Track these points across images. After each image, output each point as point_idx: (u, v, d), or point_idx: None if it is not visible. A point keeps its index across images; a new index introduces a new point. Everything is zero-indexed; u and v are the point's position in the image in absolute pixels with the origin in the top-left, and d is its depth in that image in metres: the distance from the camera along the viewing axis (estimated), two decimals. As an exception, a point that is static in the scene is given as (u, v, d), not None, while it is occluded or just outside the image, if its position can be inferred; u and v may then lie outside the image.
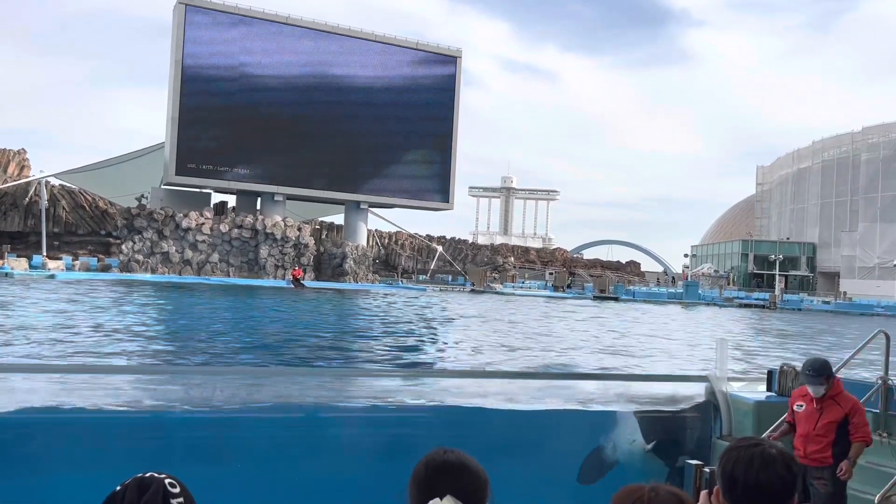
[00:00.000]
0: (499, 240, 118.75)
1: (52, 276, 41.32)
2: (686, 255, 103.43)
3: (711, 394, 6.38)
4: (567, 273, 71.74)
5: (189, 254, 50.29)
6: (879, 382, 5.46)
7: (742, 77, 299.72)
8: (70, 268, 46.83)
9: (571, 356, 16.90)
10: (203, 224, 50.88)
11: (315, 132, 55.21)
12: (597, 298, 53.78)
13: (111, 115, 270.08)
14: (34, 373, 5.68)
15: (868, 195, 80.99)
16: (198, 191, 54.17)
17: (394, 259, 69.28)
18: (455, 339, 20.55)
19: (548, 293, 57.94)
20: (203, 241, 50.78)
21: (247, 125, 52.68)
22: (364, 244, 58.50)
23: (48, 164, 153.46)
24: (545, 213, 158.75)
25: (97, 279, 41.68)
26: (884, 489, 4.45)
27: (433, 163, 59.39)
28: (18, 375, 5.29)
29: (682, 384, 6.73)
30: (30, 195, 55.53)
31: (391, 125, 57.68)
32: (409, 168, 58.58)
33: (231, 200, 56.60)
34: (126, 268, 48.21)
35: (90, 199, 58.84)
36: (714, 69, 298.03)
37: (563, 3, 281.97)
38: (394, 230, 70.07)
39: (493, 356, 16.23)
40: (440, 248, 70.42)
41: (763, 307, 54.18)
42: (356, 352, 16.28)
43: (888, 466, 5.05)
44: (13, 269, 42.24)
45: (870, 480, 4.92)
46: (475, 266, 69.36)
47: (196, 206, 52.39)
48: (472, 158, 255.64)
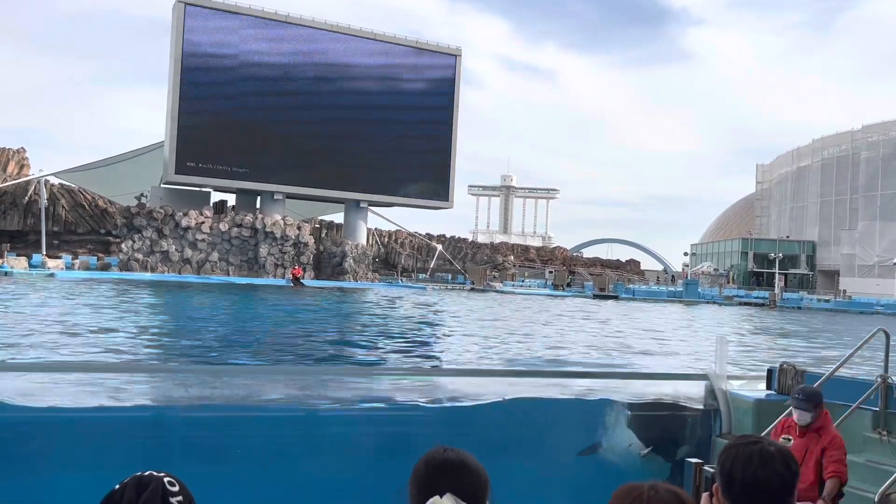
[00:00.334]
0: (498, 238, 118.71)
1: (52, 275, 41.32)
2: (686, 254, 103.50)
3: (711, 392, 6.38)
4: (567, 272, 71.72)
5: (189, 253, 50.27)
6: (879, 380, 5.46)
7: (742, 75, 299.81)
8: (70, 267, 46.81)
9: (571, 354, 16.89)
10: (203, 223, 50.86)
11: (315, 131, 55.20)
12: (596, 297, 53.79)
13: (111, 114, 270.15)
14: (30, 371, 5.68)
15: (868, 193, 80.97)
16: (197, 189, 54.15)
17: (393, 258, 69.23)
18: (454, 338, 20.54)
19: (547, 292, 57.94)
20: (203, 240, 50.76)
21: (246, 124, 52.67)
22: (364, 243, 58.49)
23: (48, 163, 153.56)
24: (545, 212, 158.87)
25: (96, 278, 41.66)
26: (883, 487, 4.45)
27: (433, 161, 59.38)
28: (12, 374, 5.28)
29: (682, 382, 6.72)
30: (29, 194, 55.48)
31: (391, 123, 57.70)
32: (409, 166, 58.55)
33: (231, 199, 56.61)
34: (126, 267, 48.20)
35: (90, 198, 58.80)
36: (714, 67, 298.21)
37: (563, 2, 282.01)
38: (393, 229, 70.03)
39: (493, 355, 16.23)
40: (440, 247, 70.36)
41: (763, 305, 54.21)
42: (356, 350, 16.26)
43: (888, 464, 5.05)
44: (13, 268, 42.26)
45: (870, 478, 4.92)
46: (475, 265, 69.32)
47: (196, 205, 52.38)
48: (472, 157, 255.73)
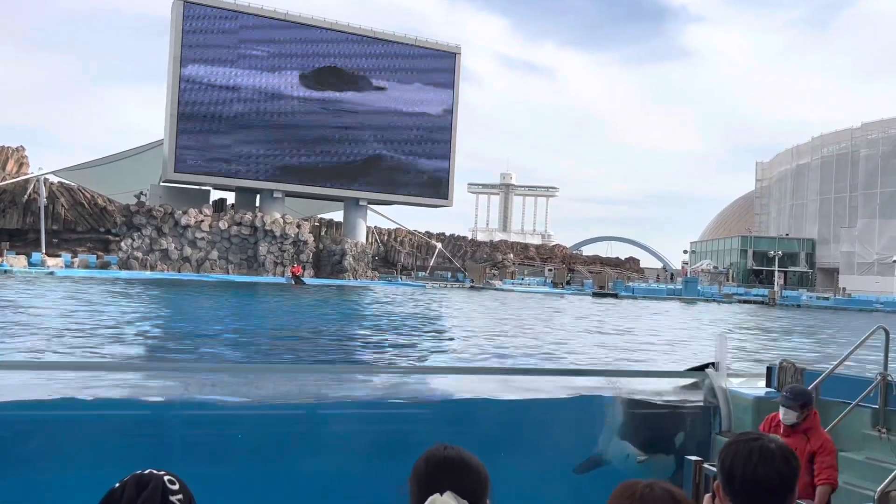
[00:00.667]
0: (498, 236, 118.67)
1: (52, 274, 41.31)
2: (685, 252, 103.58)
3: (711, 390, 6.38)
4: (566, 269, 71.67)
5: (188, 251, 50.26)
6: (878, 378, 5.46)
7: (741, 73, 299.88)
8: (69, 265, 46.77)
9: (570, 353, 16.89)
10: (202, 221, 50.84)
11: (314, 129, 55.19)
12: (596, 295, 53.78)
13: (110, 113, 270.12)
14: (28, 370, 5.68)
15: (867, 191, 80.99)
16: (197, 188, 54.13)
17: (393, 256, 69.21)
18: (453, 336, 20.55)
19: (547, 290, 57.95)
20: (202, 239, 50.74)
21: (246, 122, 52.66)
22: (363, 241, 58.48)
23: (47, 162, 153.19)
24: (544, 210, 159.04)
25: (96, 276, 41.64)
26: (883, 484, 4.45)
27: (432, 159, 59.37)
28: (10, 372, 5.27)
29: (682, 380, 6.72)
30: (28, 192, 55.44)
31: (390, 122, 57.69)
32: (408, 165, 58.55)
33: (230, 197, 56.58)
34: (125, 265, 48.18)
35: (89, 197, 58.77)
36: (713, 65, 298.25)
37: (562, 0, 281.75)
38: (393, 227, 70.01)
39: (493, 353, 16.23)
40: (439, 245, 70.32)
41: (762, 303, 54.20)
42: (355, 348, 16.27)
43: (887, 462, 5.05)
44: (12, 267, 42.25)
45: (869, 476, 4.93)
46: (474, 263, 69.32)
47: (195, 204, 52.35)
48: (472, 155, 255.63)
